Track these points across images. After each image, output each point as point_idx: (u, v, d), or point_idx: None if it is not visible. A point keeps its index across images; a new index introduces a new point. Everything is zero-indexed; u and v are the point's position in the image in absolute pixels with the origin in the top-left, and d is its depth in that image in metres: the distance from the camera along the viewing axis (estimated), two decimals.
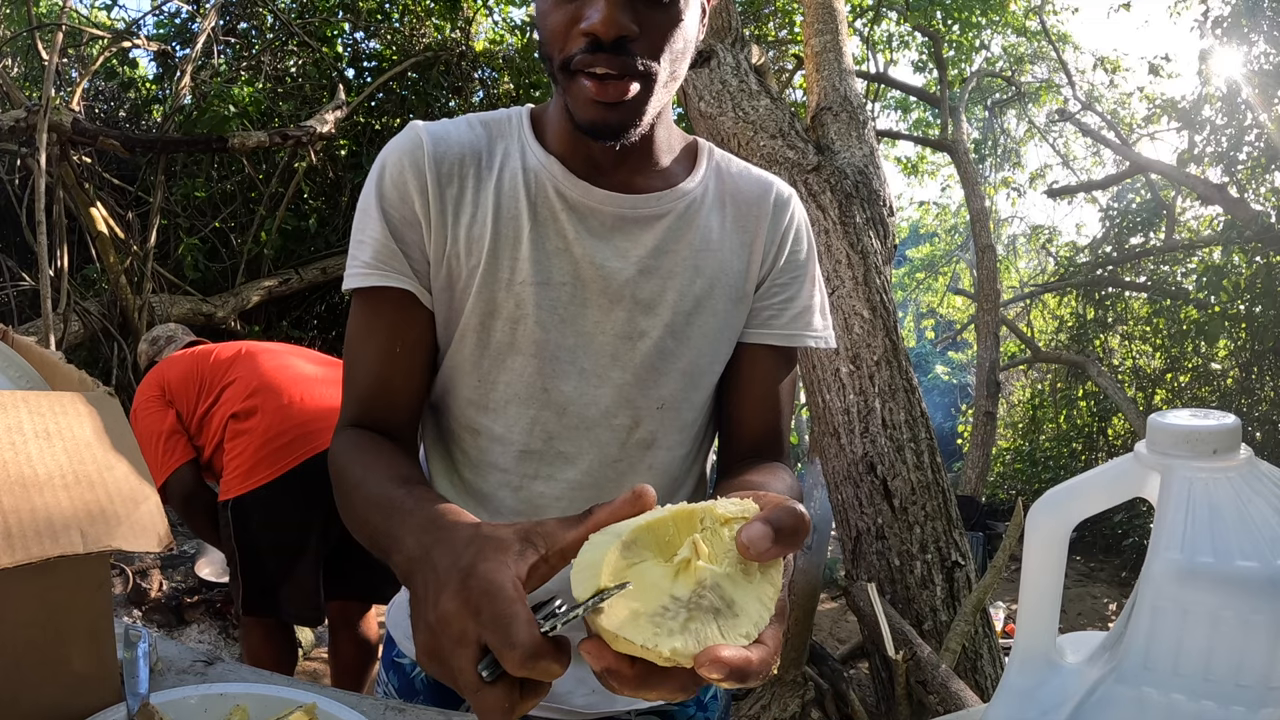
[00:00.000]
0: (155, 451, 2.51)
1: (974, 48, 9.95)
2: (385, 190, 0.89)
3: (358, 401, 0.92)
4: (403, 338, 0.91)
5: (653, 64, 0.81)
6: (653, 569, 0.53)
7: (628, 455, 0.95)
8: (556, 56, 0.81)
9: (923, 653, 2.45)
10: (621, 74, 0.79)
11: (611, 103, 0.80)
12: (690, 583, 0.52)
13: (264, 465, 2.43)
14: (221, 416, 2.53)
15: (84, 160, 5.47)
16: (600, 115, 0.81)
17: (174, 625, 3.64)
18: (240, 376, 2.57)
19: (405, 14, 7.27)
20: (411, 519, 0.69)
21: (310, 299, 7.00)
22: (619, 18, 0.77)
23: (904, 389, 2.93)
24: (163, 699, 0.79)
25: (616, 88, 0.80)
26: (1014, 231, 13.51)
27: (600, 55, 0.78)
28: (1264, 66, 6.90)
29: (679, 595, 0.51)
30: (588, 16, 0.77)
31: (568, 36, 0.80)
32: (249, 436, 2.46)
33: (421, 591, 0.59)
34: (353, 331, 0.92)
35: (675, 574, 0.53)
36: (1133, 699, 0.58)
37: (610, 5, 0.76)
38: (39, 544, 0.66)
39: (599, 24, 0.77)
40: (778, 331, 0.98)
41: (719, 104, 3.20)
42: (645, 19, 0.79)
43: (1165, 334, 8.19)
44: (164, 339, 2.99)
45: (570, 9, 0.79)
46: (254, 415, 2.48)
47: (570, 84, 0.81)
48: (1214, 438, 0.59)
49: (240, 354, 2.66)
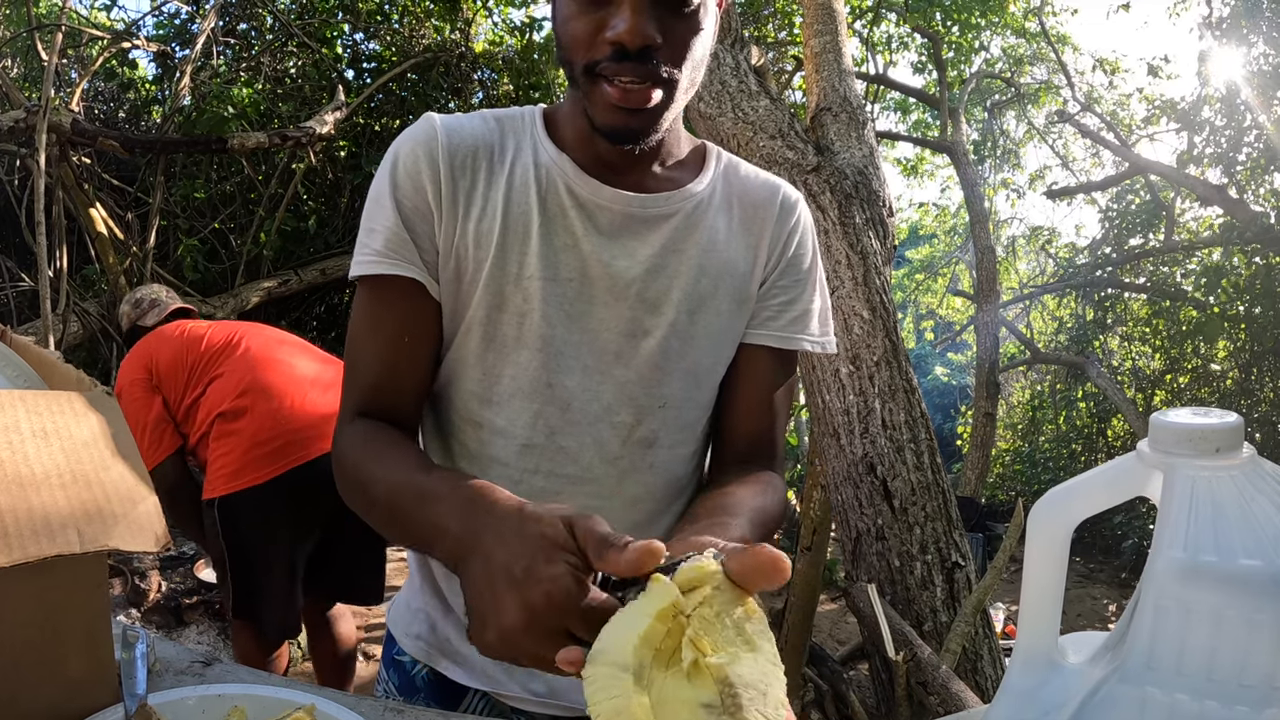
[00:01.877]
0: (141, 441, 2.41)
1: (973, 49, 9.96)
2: (399, 179, 0.89)
3: (363, 392, 0.91)
4: (411, 328, 0.91)
5: (675, 71, 0.82)
6: (668, 685, 0.52)
7: (629, 453, 0.95)
8: (579, 61, 0.82)
9: (923, 654, 2.45)
10: (645, 81, 0.81)
11: (634, 109, 0.82)
12: (710, 684, 0.52)
13: (251, 469, 2.36)
14: (209, 411, 2.45)
15: (83, 161, 5.46)
16: (622, 121, 0.83)
17: (172, 626, 3.63)
18: (230, 371, 2.48)
19: (405, 15, 7.28)
20: (449, 503, 0.70)
21: (309, 300, 7.00)
22: (645, 28, 0.78)
23: (904, 389, 2.93)
24: (160, 700, 0.78)
25: (640, 94, 0.81)
26: (1013, 233, 13.51)
27: (626, 64, 0.80)
28: (1263, 67, 6.91)
29: (709, 703, 0.51)
30: (613, 26, 0.79)
31: (592, 43, 0.81)
32: (237, 438, 2.39)
33: (479, 587, 0.61)
34: (359, 321, 0.92)
35: (689, 678, 0.52)
36: (1135, 699, 0.58)
37: (636, 15, 0.78)
38: (36, 543, 0.66)
39: (625, 33, 0.78)
40: (774, 332, 0.99)
41: (718, 104, 3.20)
42: (668, 28, 0.81)
43: (1164, 335, 8.20)
44: (148, 302, 2.83)
45: (595, 17, 0.80)
46: (243, 416, 2.40)
47: (593, 88, 0.83)
48: (1217, 436, 0.58)
49: (232, 344, 2.55)
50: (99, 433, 0.77)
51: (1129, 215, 8.98)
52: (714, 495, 0.86)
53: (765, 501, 0.87)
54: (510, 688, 1.01)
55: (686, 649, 0.53)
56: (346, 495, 0.87)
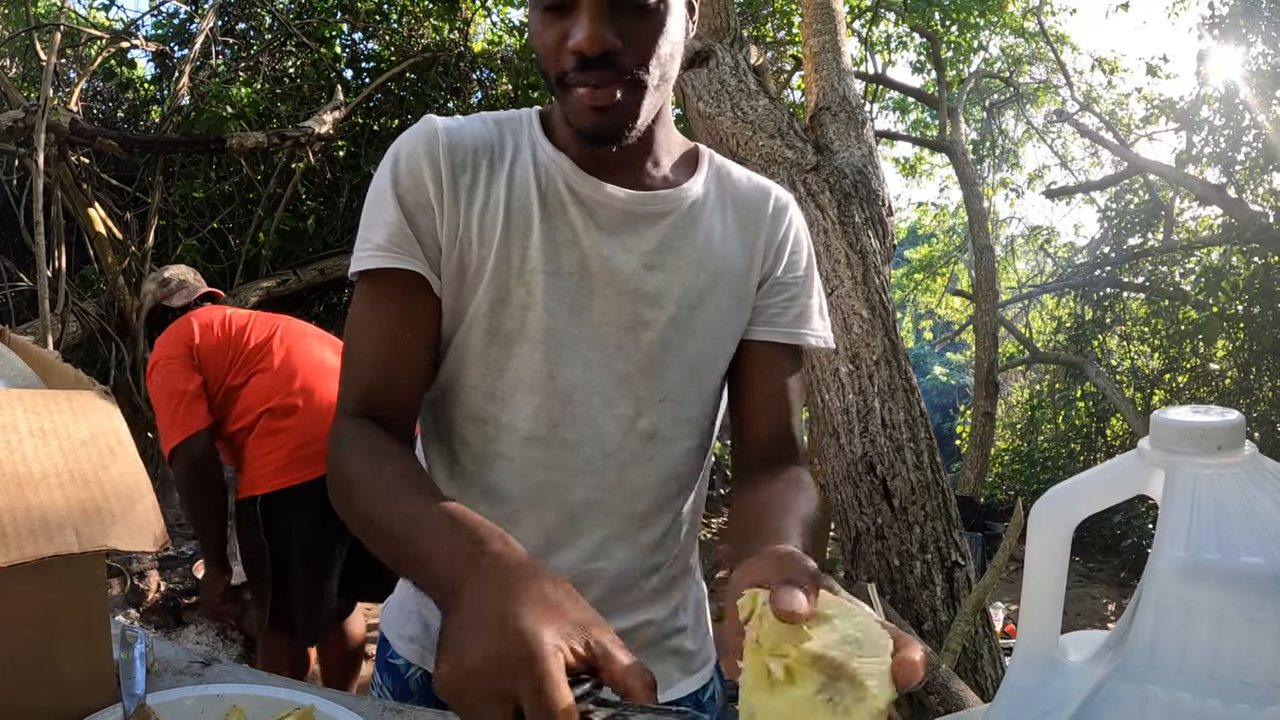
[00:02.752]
0: (175, 411, 2.39)
1: (972, 48, 9.95)
2: (400, 176, 0.90)
3: (361, 388, 0.91)
4: (413, 324, 0.91)
5: (641, 72, 0.84)
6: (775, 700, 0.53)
7: (630, 445, 0.95)
8: (552, 72, 0.85)
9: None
10: (609, 85, 0.83)
11: (603, 106, 0.84)
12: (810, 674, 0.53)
13: (298, 466, 2.37)
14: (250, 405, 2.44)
15: (82, 161, 5.45)
16: (595, 120, 0.85)
17: (171, 626, 3.62)
18: (276, 367, 2.48)
19: (404, 15, 7.27)
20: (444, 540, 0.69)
21: (309, 300, 6.99)
22: (602, 34, 0.80)
23: (903, 389, 2.93)
24: (159, 700, 0.78)
25: (606, 92, 0.83)
26: (1012, 232, 13.51)
27: (590, 73, 0.82)
28: (1262, 67, 6.91)
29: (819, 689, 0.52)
30: (573, 35, 0.81)
31: (559, 54, 0.83)
32: (285, 435, 2.39)
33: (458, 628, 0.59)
34: (359, 316, 0.92)
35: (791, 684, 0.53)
36: (1137, 697, 0.58)
37: (593, 23, 0.80)
38: (34, 543, 0.66)
39: (584, 42, 0.80)
40: (782, 329, 1.01)
41: (717, 104, 3.20)
42: (628, 31, 0.82)
43: (1163, 334, 8.20)
44: (175, 282, 2.79)
45: (559, 28, 0.83)
46: (293, 414, 2.41)
47: (566, 96, 0.86)
48: (1218, 434, 0.58)
49: (275, 339, 2.56)
50: (97, 432, 0.77)
51: (1128, 215, 8.98)
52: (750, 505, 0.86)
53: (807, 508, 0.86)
54: None
55: (773, 663, 0.53)
56: (338, 504, 0.85)
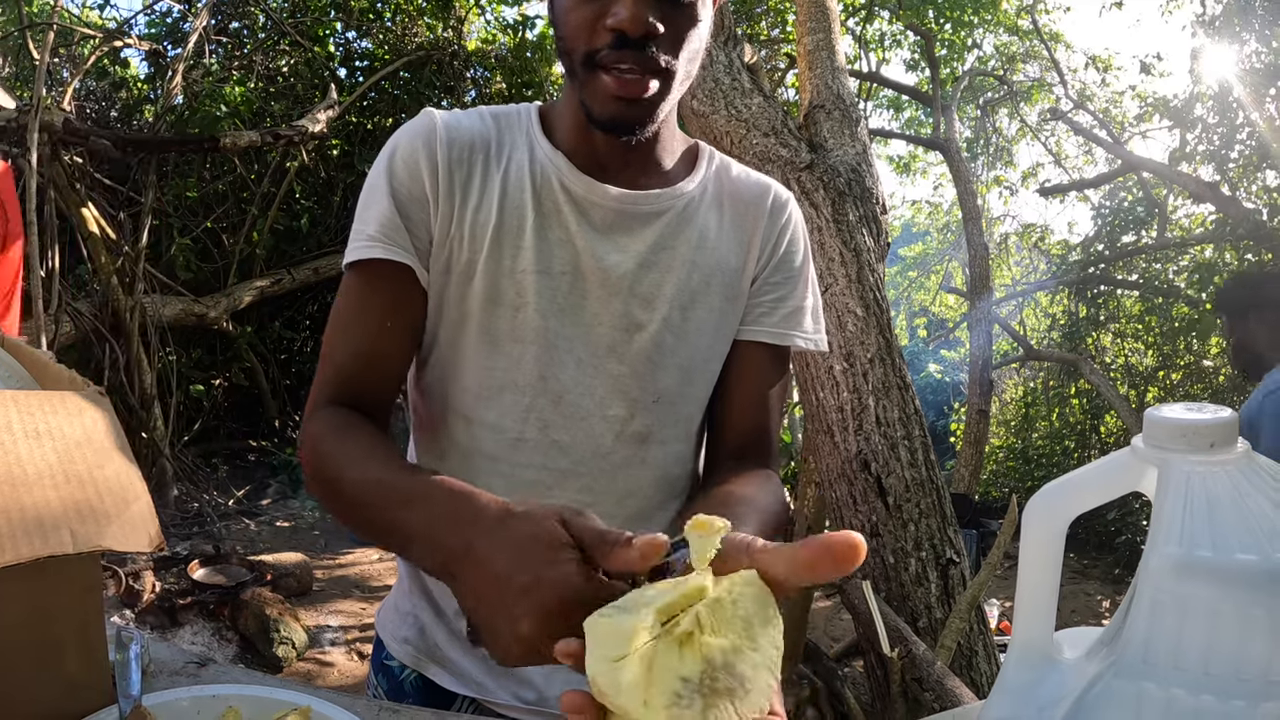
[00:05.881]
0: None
1: (966, 46, 9.96)
2: (395, 167, 0.90)
3: (339, 374, 0.90)
4: (396, 314, 0.91)
5: (673, 61, 0.83)
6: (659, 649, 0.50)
7: (622, 447, 0.95)
8: (579, 50, 0.83)
9: (918, 650, 2.45)
10: (643, 71, 0.82)
11: (631, 99, 0.83)
12: (698, 661, 0.50)
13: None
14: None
15: (75, 160, 5.43)
16: (619, 110, 0.84)
17: (167, 627, 3.62)
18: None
19: (397, 13, 7.26)
20: (428, 507, 0.68)
21: (303, 299, 6.98)
22: (646, 15, 0.80)
23: (898, 386, 2.93)
24: (155, 701, 0.78)
25: (637, 85, 0.82)
26: (1006, 230, 13.50)
27: (626, 52, 0.81)
28: (1255, 65, 6.93)
29: (688, 677, 0.49)
30: (615, 13, 0.80)
31: (593, 32, 0.82)
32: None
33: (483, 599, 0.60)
34: (344, 305, 0.91)
35: (679, 646, 0.50)
36: (1132, 694, 0.58)
37: (638, 3, 0.79)
38: (29, 544, 0.66)
39: (627, 20, 0.79)
40: (768, 329, 0.99)
41: (711, 102, 3.20)
42: (667, 18, 0.82)
43: (1157, 332, 8.22)
44: None
45: (595, 6, 0.81)
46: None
47: (590, 78, 0.84)
48: (1211, 431, 0.58)
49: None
50: (92, 432, 0.77)
51: (1121, 212, 8.98)
52: (715, 493, 0.85)
53: (769, 501, 0.86)
54: (500, 695, 1.00)
55: (687, 618, 0.51)
56: (312, 486, 0.85)
